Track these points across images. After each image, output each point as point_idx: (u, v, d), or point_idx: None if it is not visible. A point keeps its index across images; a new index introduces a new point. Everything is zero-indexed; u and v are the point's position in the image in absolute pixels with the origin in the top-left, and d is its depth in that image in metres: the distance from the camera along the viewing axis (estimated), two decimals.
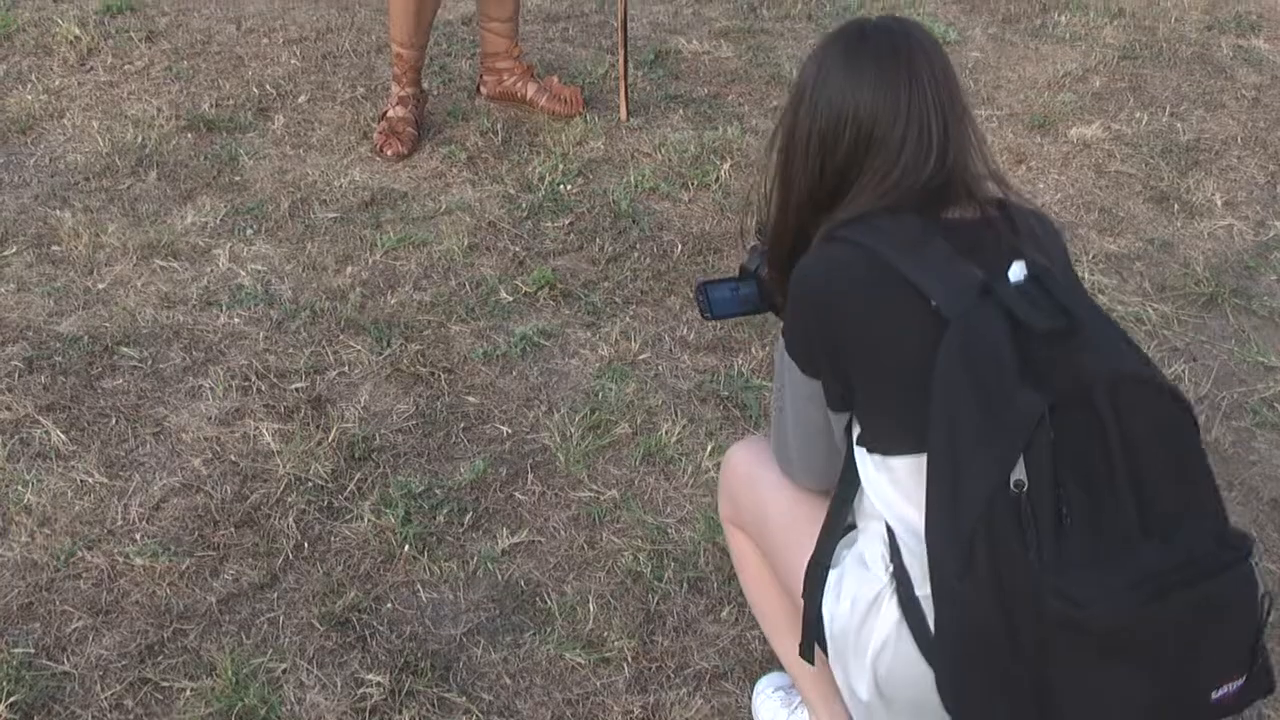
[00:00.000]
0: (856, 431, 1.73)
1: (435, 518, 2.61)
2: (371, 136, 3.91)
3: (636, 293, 3.28)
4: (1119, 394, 1.51)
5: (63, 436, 2.77)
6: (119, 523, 2.58)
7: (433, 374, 2.98)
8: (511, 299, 3.24)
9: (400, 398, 2.92)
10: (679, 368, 3.03)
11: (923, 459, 1.57)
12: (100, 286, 3.25)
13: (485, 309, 3.20)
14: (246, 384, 2.93)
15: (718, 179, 3.75)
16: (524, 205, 3.61)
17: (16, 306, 3.17)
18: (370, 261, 3.36)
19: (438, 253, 3.40)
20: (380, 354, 3.03)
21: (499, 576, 2.49)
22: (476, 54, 4.30)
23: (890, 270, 1.63)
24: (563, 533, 2.60)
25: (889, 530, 1.68)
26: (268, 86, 4.23)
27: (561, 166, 3.78)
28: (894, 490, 1.66)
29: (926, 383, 1.55)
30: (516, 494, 2.68)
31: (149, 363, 3.00)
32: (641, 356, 3.06)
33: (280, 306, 3.18)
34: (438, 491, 2.67)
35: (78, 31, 4.51)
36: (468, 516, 2.61)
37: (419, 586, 2.47)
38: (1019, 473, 1.46)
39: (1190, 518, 1.52)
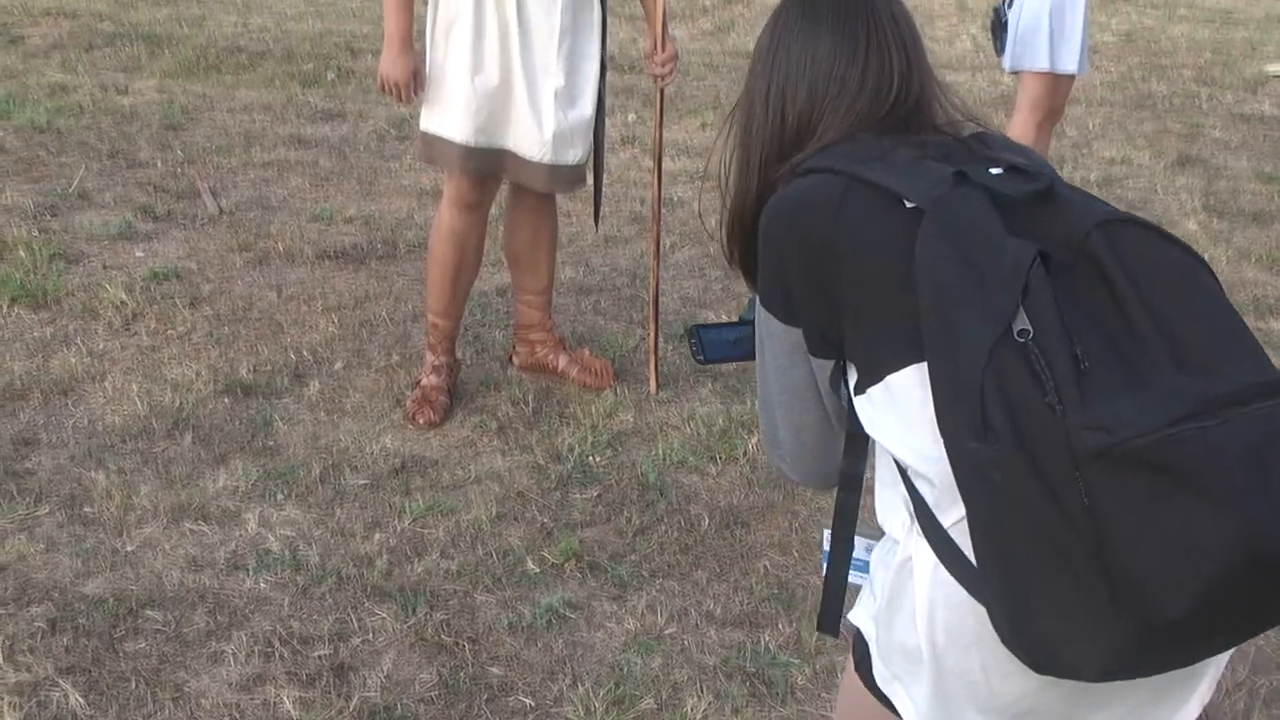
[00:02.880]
0: (853, 380, 1.61)
1: None
2: (404, 403, 3.97)
3: (663, 566, 3.27)
4: (1116, 237, 1.41)
5: (81, 700, 2.74)
6: None
7: (457, 643, 2.95)
8: (538, 569, 3.23)
9: (423, 667, 2.89)
10: (705, 642, 3.00)
11: (924, 365, 1.46)
12: (129, 548, 3.26)
13: (511, 579, 3.19)
14: (269, 650, 2.91)
15: (745, 453, 3.78)
16: (553, 475, 3.64)
17: (44, 566, 3.17)
18: (398, 528, 3.37)
19: (466, 521, 3.41)
20: (405, 622, 3.01)
21: None
22: (510, 324, 4.40)
23: (857, 181, 1.56)
24: None
25: (905, 481, 1.55)
26: (305, 352, 4.33)
27: (591, 438, 3.83)
28: (900, 420, 1.52)
29: (913, 282, 1.45)
30: None
31: (172, 626, 2.98)
32: (668, 630, 3.03)
33: (307, 572, 3.18)
34: None
35: (124, 296, 4.65)
36: None
37: None
38: (1022, 322, 1.34)
39: (1231, 363, 1.36)
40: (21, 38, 9.31)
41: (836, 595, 1.71)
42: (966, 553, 1.45)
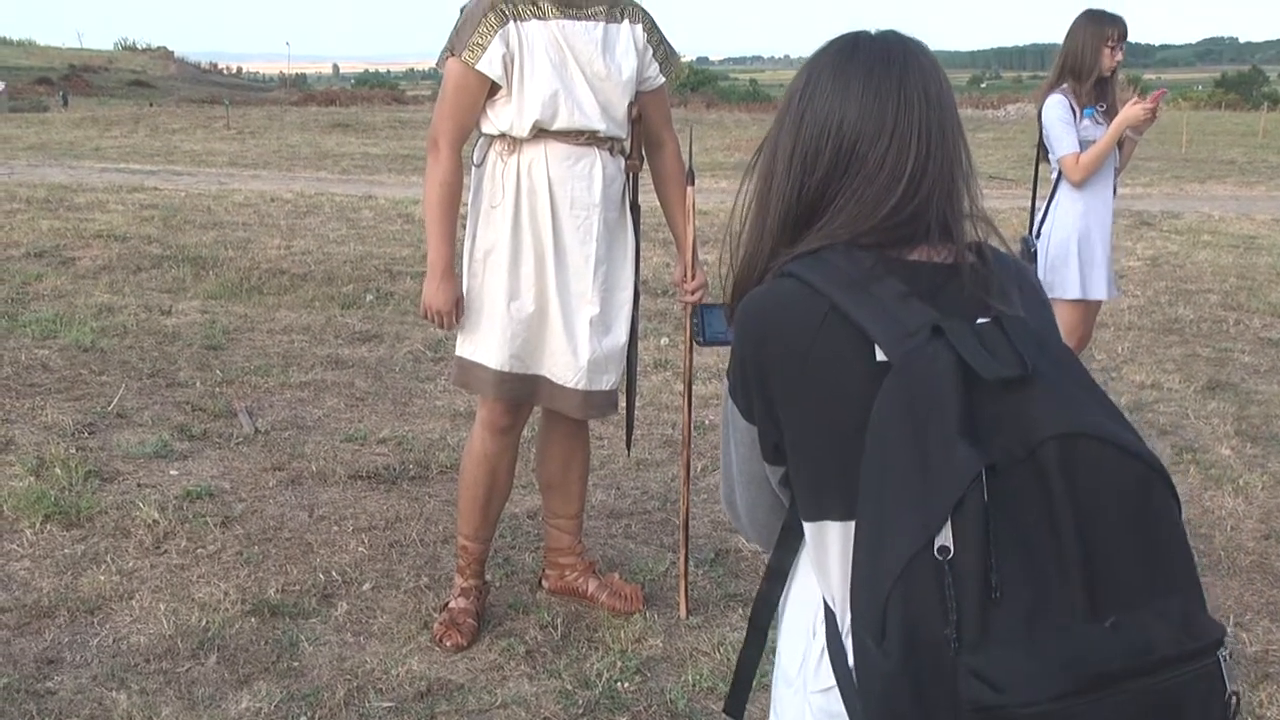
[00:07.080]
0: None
1: None
2: (432, 626, 3.94)
3: None
4: (1072, 453, 1.36)
5: None
6: None
7: None
8: None
9: None
10: None
11: (851, 526, 1.46)
12: None
13: None
14: None
15: None
16: (580, 702, 3.58)
17: None
18: None
19: None
20: None
21: None
22: (540, 548, 4.38)
23: (835, 311, 1.52)
24: None
25: (825, 607, 1.57)
26: (334, 573, 4.32)
27: (620, 663, 3.77)
28: (819, 561, 1.55)
29: (862, 439, 1.43)
30: None
31: None
32: None
33: None
34: None
35: (156, 515, 4.67)
36: None
37: None
38: (945, 538, 1.32)
39: (1155, 600, 1.35)
40: (73, 260, 9.60)
41: (745, 680, 1.72)
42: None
